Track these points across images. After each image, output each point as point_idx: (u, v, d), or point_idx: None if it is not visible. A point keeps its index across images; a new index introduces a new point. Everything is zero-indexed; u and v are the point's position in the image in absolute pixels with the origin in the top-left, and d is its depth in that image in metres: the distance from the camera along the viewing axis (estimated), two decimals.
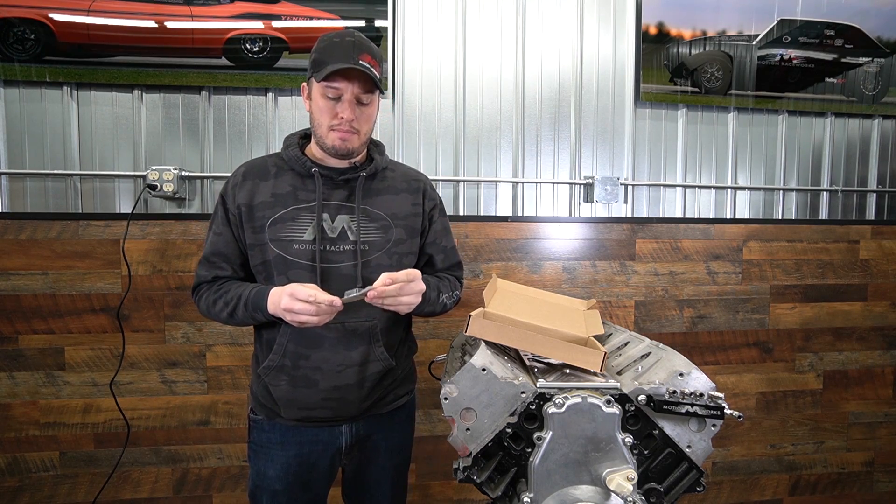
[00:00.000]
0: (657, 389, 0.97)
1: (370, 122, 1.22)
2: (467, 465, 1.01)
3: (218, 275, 1.23)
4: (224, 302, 1.18)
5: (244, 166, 1.25)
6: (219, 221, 1.24)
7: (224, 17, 1.92)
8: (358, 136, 1.18)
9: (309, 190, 1.21)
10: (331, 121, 1.16)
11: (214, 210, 1.26)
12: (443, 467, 2.05)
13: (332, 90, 1.14)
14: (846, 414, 2.32)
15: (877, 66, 2.33)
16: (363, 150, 1.25)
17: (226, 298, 1.18)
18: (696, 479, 1.01)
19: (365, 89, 1.15)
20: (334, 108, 1.16)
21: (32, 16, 1.83)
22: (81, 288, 1.86)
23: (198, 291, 1.26)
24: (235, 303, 1.16)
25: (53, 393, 1.87)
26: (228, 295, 1.18)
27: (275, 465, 1.23)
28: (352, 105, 1.15)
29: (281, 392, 1.20)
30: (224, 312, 1.19)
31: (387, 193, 1.26)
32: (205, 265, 1.24)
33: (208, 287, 1.24)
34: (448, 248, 1.37)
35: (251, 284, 1.19)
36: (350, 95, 1.15)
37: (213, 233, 1.25)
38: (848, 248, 2.27)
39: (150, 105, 1.96)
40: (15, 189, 1.91)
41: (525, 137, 2.15)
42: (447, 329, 2.03)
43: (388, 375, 1.26)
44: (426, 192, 1.33)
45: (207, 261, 1.24)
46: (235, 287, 1.19)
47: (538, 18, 2.13)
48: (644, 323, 2.16)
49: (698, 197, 2.28)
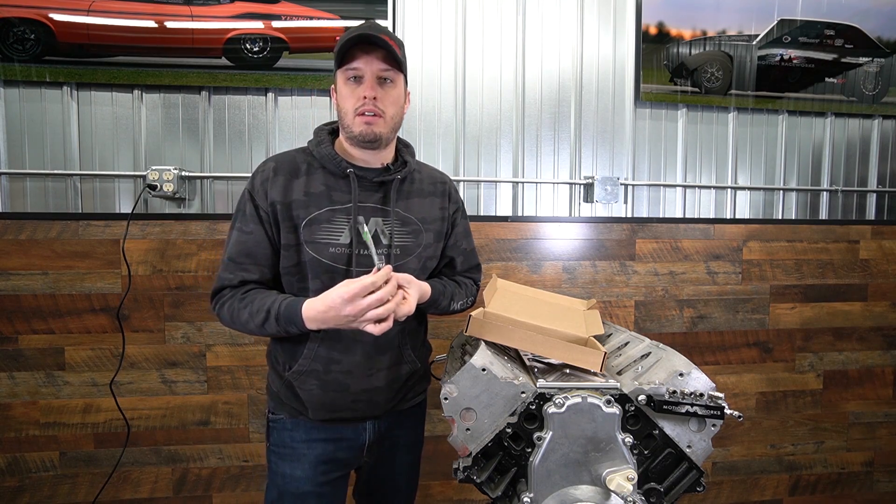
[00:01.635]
0: (657, 389, 0.97)
1: (397, 105, 1.17)
2: (467, 465, 1.01)
3: (245, 278, 1.15)
4: (250, 312, 1.10)
5: (273, 161, 1.19)
6: (247, 219, 1.16)
7: (224, 17, 1.92)
8: (384, 119, 1.14)
9: (343, 191, 1.17)
10: (355, 104, 1.13)
11: (239, 207, 1.18)
12: (443, 467, 2.05)
13: (352, 71, 1.12)
14: (846, 414, 2.32)
15: (877, 66, 2.33)
16: (392, 138, 1.21)
17: (251, 309, 1.10)
18: (696, 479, 1.01)
19: (385, 66, 1.12)
20: (357, 90, 1.13)
21: (32, 16, 1.83)
22: (81, 288, 1.86)
23: (219, 297, 1.16)
24: (265, 316, 1.09)
25: (53, 393, 1.87)
26: (254, 305, 1.10)
27: (302, 465, 1.20)
28: (373, 83, 1.12)
29: (310, 395, 1.18)
30: (251, 323, 1.11)
31: (416, 197, 1.25)
32: (229, 267, 1.15)
33: (232, 293, 1.15)
34: (468, 250, 1.38)
35: (277, 294, 1.12)
36: (370, 74, 1.12)
37: (239, 231, 1.16)
38: (848, 248, 2.27)
39: (150, 105, 1.96)
40: (15, 189, 1.91)
41: (525, 137, 2.15)
42: (447, 329, 2.03)
43: (413, 376, 1.28)
44: (451, 195, 1.32)
45: (233, 262, 1.15)
46: (261, 297, 1.11)
47: (538, 18, 2.13)
48: (644, 323, 2.16)
49: (698, 197, 2.28)
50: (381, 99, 1.13)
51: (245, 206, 1.17)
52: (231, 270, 1.15)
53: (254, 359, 1.95)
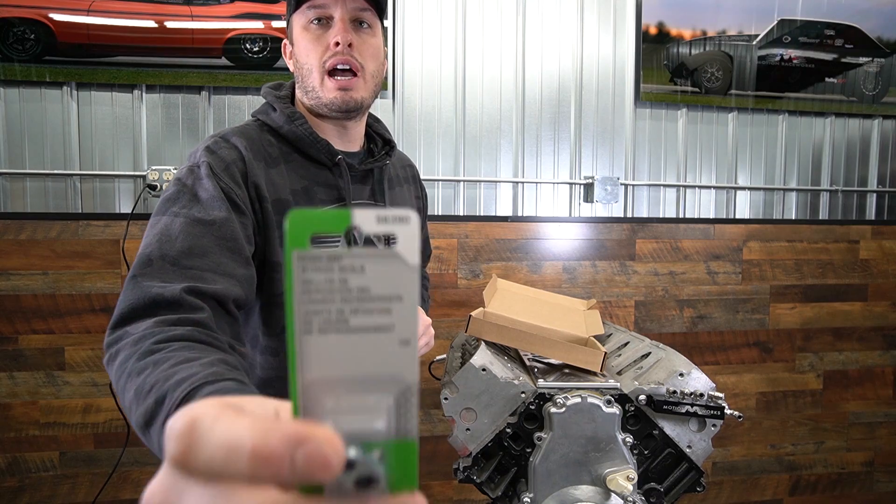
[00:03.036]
0: (657, 389, 0.97)
1: (377, 59, 0.87)
2: (467, 465, 1.01)
3: (198, 288, 0.67)
4: (151, 382, 0.54)
5: (239, 137, 0.84)
6: (206, 201, 0.74)
7: (224, 17, 1.92)
8: (363, 78, 0.85)
9: (326, 185, 0.89)
10: (322, 54, 0.83)
11: (181, 189, 0.76)
12: (443, 467, 2.05)
13: (316, 10, 0.83)
14: (846, 414, 2.32)
15: (877, 66, 2.33)
16: (371, 102, 0.91)
17: (155, 377, 0.54)
18: (696, 480, 1.01)
19: (362, 4, 0.84)
20: (324, 36, 0.83)
21: (32, 16, 1.83)
22: (81, 288, 1.86)
23: (123, 335, 0.65)
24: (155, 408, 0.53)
25: (53, 393, 1.87)
26: (162, 371, 0.55)
27: None
28: (346, 26, 0.82)
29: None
30: (135, 409, 0.55)
31: (396, 185, 1.04)
32: (161, 271, 0.68)
33: (148, 330, 0.62)
34: (427, 238, 1.30)
35: (215, 363, 0.56)
36: (342, 13, 0.82)
37: (185, 217, 0.72)
38: (848, 248, 2.27)
39: (150, 105, 1.96)
40: (15, 189, 1.91)
41: (525, 137, 2.15)
42: (447, 329, 2.03)
43: None
44: (419, 181, 1.16)
45: (172, 263, 0.69)
46: (194, 356, 0.57)
47: (538, 18, 2.13)
48: (644, 323, 2.16)
49: (698, 197, 2.28)
50: (358, 47, 0.83)
51: (198, 186, 0.76)
52: (164, 276, 0.67)
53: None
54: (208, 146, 0.82)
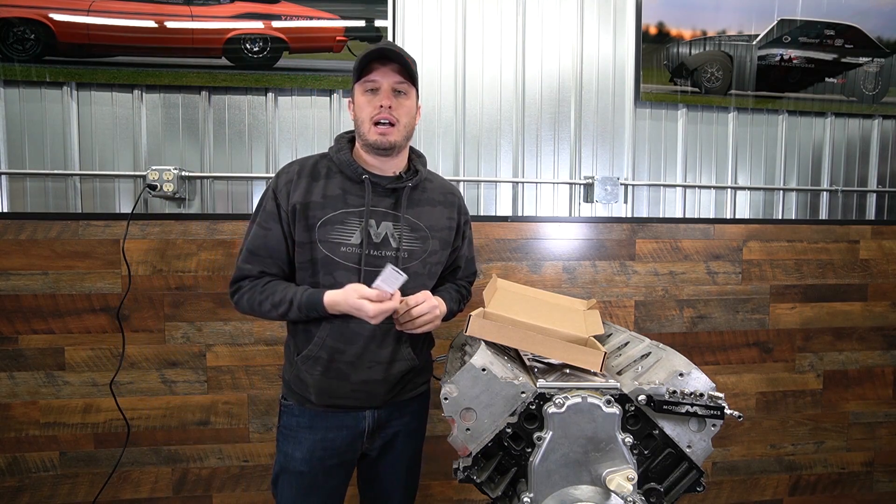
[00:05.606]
0: (657, 389, 0.97)
1: (409, 115, 1.27)
2: (467, 465, 1.01)
3: (264, 270, 1.27)
4: (272, 303, 1.23)
5: (297, 164, 1.30)
6: (268, 216, 1.27)
7: (224, 17, 1.92)
8: (397, 128, 1.24)
9: (357, 195, 1.26)
10: (371, 112, 1.23)
11: (261, 204, 1.29)
12: (443, 467, 2.05)
13: (370, 83, 1.23)
14: (846, 414, 2.32)
15: (877, 66, 2.33)
16: (404, 146, 1.30)
17: (273, 300, 1.23)
18: (696, 479, 1.01)
19: (400, 79, 1.23)
20: (373, 100, 1.23)
21: (32, 16, 1.83)
22: (81, 288, 1.86)
23: (239, 286, 1.29)
24: (287, 306, 1.21)
25: (53, 393, 1.87)
26: (276, 297, 1.23)
27: (302, 447, 1.29)
28: (388, 94, 1.22)
29: (314, 380, 1.27)
30: (274, 313, 1.24)
31: (426, 205, 1.33)
32: (250, 259, 1.27)
33: (251, 284, 1.27)
34: (469, 258, 1.49)
35: (296, 286, 1.25)
36: (387, 86, 1.22)
37: (259, 226, 1.28)
38: (848, 248, 2.27)
39: (150, 105, 1.96)
40: (15, 189, 1.91)
41: (525, 137, 2.15)
42: (447, 329, 2.03)
43: (410, 372, 1.35)
44: (461, 208, 1.42)
45: (253, 255, 1.27)
46: (282, 289, 1.24)
47: (538, 18, 2.13)
48: (644, 323, 2.16)
49: (698, 197, 2.28)
50: (396, 108, 1.23)
51: (267, 203, 1.28)
52: (251, 262, 1.28)
53: (254, 359, 1.95)
54: (280, 170, 1.31)
